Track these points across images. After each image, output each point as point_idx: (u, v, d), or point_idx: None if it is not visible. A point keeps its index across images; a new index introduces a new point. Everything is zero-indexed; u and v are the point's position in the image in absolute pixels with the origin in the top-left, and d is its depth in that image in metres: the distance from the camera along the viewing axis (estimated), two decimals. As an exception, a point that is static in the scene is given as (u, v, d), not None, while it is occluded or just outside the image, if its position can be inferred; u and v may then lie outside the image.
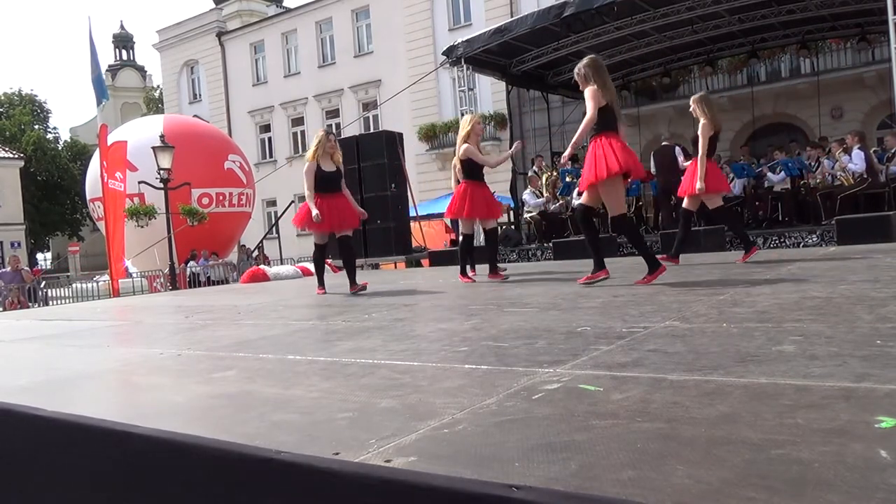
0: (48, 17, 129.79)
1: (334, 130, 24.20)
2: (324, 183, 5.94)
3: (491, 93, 20.59)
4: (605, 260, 4.89)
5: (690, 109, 6.06)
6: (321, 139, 6.02)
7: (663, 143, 11.45)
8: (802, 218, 10.43)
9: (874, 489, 1.06)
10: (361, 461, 1.40)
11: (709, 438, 1.37)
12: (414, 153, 21.38)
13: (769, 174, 10.80)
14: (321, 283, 6.42)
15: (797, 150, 11.51)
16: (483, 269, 6.63)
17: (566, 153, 5.21)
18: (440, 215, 19.26)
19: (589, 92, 4.78)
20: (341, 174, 6.17)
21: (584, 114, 4.74)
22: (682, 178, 6.26)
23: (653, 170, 11.57)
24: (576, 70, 5.07)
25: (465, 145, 6.17)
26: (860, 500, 1.03)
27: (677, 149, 11.24)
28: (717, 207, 6.12)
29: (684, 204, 6.24)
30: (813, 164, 10.60)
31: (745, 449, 1.28)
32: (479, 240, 7.74)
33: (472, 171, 6.26)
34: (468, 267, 6.46)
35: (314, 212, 5.77)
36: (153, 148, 14.62)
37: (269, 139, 28.79)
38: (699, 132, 5.86)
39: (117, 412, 2.15)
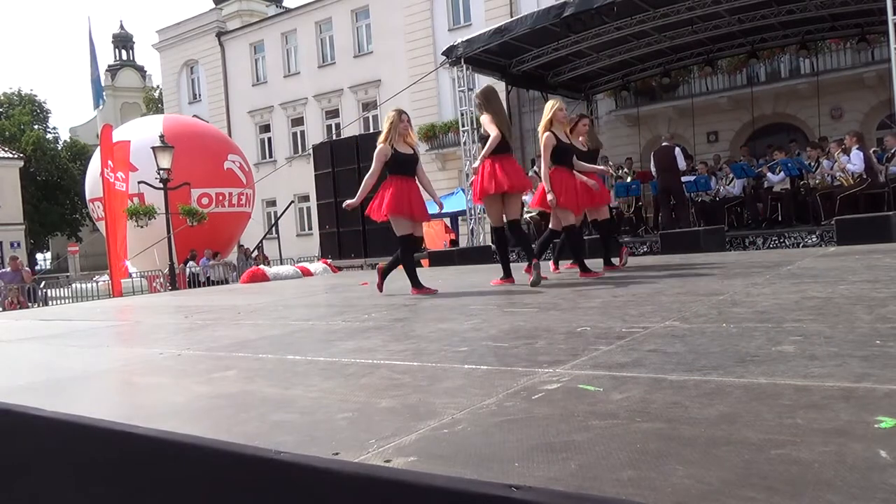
0: (48, 17, 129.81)
1: (334, 130, 24.32)
2: (400, 166, 5.35)
3: (491, 93, 20.58)
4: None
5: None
6: (394, 120, 5.40)
7: (663, 144, 11.46)
8: (802, 218, 10.43)
9: (874, 489, 1.06)
10: (361, 461, 1.39)
11: (708, 438, 1.37)
12: (414, 153, 21.36)
13: (769, 174, 10.81)
14: (416, 283, 5.48)
15: (797, 151, 11.52)
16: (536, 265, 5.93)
17: (476, 164, 5.54)
18: (440, 215, 19.29)
19: (484, 119, 5.48)
20: (418, 157, 5.59)
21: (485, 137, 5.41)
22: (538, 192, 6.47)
23: (652, 170, 11.58)
24: (473, 98, 5.79)
25: (547, 134, 5.57)
26: (860, 501, 1.03)
27: (677, 149, 11.25)
28: (575, 225, 6.01)
29: (552, 224, 6.15)
30: (812, 164, 10.61)
31: (744, 449, 1.28)
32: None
33: (561, 158, 5.61)
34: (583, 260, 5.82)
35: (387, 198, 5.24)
36: (153, 148, 14.63)
37: (269, 139, 28.79)
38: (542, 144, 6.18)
39: (117, 412, 2.15)
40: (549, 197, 5.52)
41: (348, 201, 5.59)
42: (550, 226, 6.04)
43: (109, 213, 14.65)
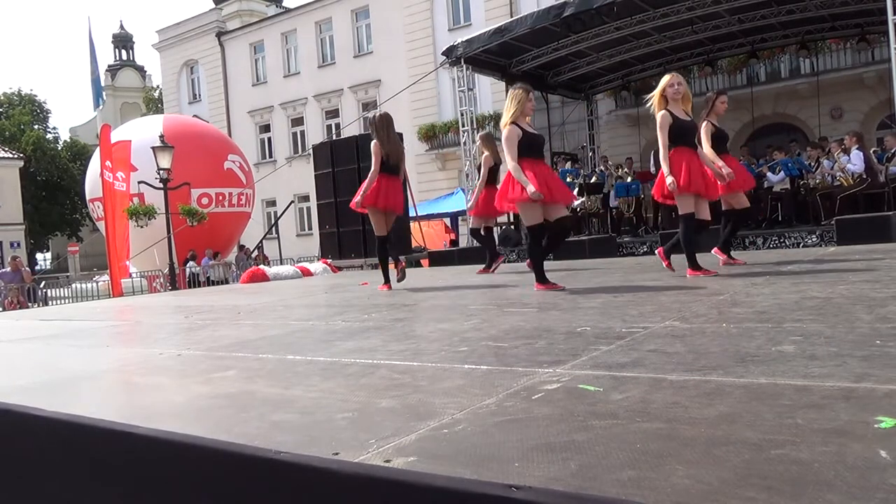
0: (48, 17, 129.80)
1: (334, 130, 24.31)
2: (530, 149, 4.76)
3: (491, 93, 20.61)
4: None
5: (477, 145, 7.46)
6: (521, 97, 4.82)
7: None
8: (802, 218, 10.43)
9: (874, 489, 1.06)
10: (361, 461, 1.39)
11: (708, 438, 1.37)
12: (414, 153, 21.37)
13: (769, 174, 10.80)
14: (542, 278, 4.90)
15: (797, 151, 11.52)
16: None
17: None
18: (440, 215, 19.32)
19: (372, 146, 5.92)
20: (543, 138, 5.06)
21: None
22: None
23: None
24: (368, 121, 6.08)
25: (662, 112, 5.06)
26: (860, 501, 1.03)
27: None
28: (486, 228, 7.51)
29: (473, 224, 7.53)
30: (812, 164, 10.61)
31: (744, 449, 1.28)
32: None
33: (680, 138, 5.03)
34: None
35: (530, 187, 4.52)
36: (153, 148, 14.62)
37: (269, 139, 28.79)
38: (482, 162, 7.31)
39: (117, 412, 2.15)
40: (669, 181, 4.93)
41: (531, 193, 4.59)
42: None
43: (109, 213, 14.65)
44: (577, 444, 1.39)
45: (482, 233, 7.55)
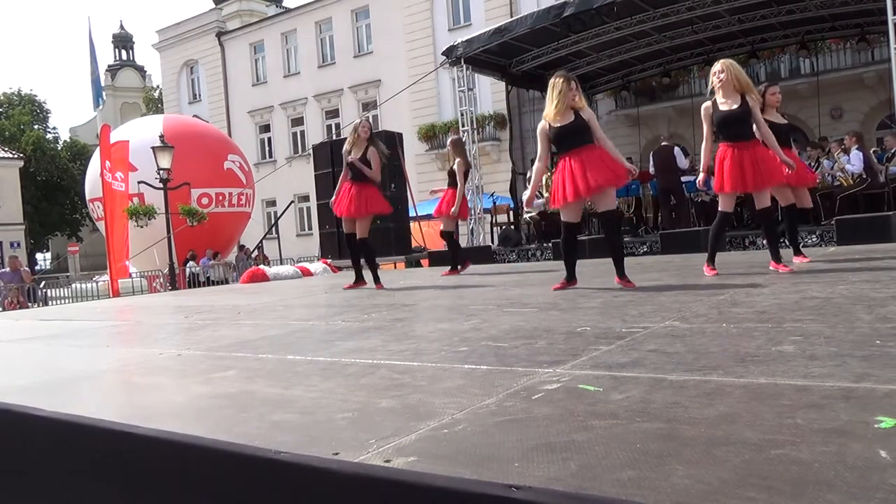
0: (48, 17, 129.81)
1: (334, 130, 24.29)
2: (560, 139, 4.62)
3: (491, 93, 20.60)
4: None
5: (447, 150, 7.76)
6: (562, 88, 4.52)
7: (662, 144, 11.46)
8: (802, 218, 10.40)
9: (874, 489, 1.06)
10: (361, 461, 1.40)
11: (708, 438, 1.37)
12: (414, 153, 21.38)
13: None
14: (572, 275, 4.84)
15: (797, 150, 11.50)
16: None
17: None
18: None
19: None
20: (585, 124, 4.57)
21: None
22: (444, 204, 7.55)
23: (651, 170, 11.58)
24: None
25: (706, 104, 4.88)
26: (860, 501, 1.03)
27: (676, 149, 11.25)
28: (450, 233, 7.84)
29: (445, 227, 7.84)
30: (813, 164, 10.60)
31: (744, 449, 1.28)
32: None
33: (722, 130, 4.86)
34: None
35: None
36: (153, 148, 14.62)
37: (269, 139, 28.78)
38: (455, 168, 7.47)
39: (117, 412, 2.15)
40: (699, 178, 4.87)
41: (527, 199, 5.38)
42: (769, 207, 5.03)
43: (108, 214, 14.65)
44: (577, 444, 1.39)
45: (454, 237, 7.95)
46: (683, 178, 11.14)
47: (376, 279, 6.45)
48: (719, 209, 5.01)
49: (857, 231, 7.92)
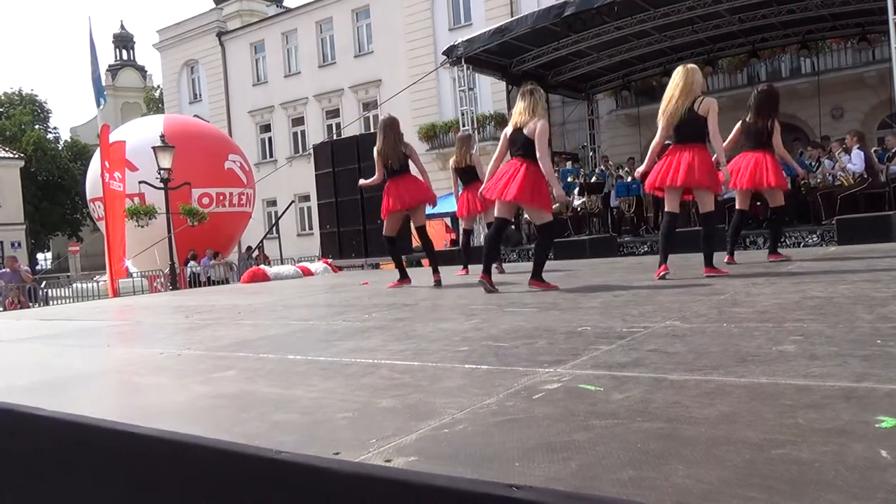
0: (48, 17, 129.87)
1: (335, 130, 24.30)
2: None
3: (491, 93, 20.59)
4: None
5: (457, 146, 7.65)
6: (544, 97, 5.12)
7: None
8: (803, 218, 10.42)
9: (875, 489, 1.06)
10: (361, 461, 1.39)
11: (709, 438, 1.37)
12: (414, 153, 21.35)
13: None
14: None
15: (798, 150, 11.51)
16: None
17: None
18: (440, 215, 19.31)
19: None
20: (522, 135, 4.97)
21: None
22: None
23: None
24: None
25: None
26: (861, 500, 1.03)
27: None
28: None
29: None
30: (813, 163, 10.60)
31: (745, 449, 1.28)
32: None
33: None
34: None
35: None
36: (153, 148, 14.62)
37: (270, 139, 28.78)
38: (473, 161, 7.48)
39: (117, 412, 2.15)
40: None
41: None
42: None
43: (108, 213, 14.66)
44: (577, 444, 1.39)
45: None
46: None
47: (405, 274, 6.55)
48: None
49: (858, 231, 7.92)
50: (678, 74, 5.00)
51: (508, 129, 5.03)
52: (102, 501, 1.87)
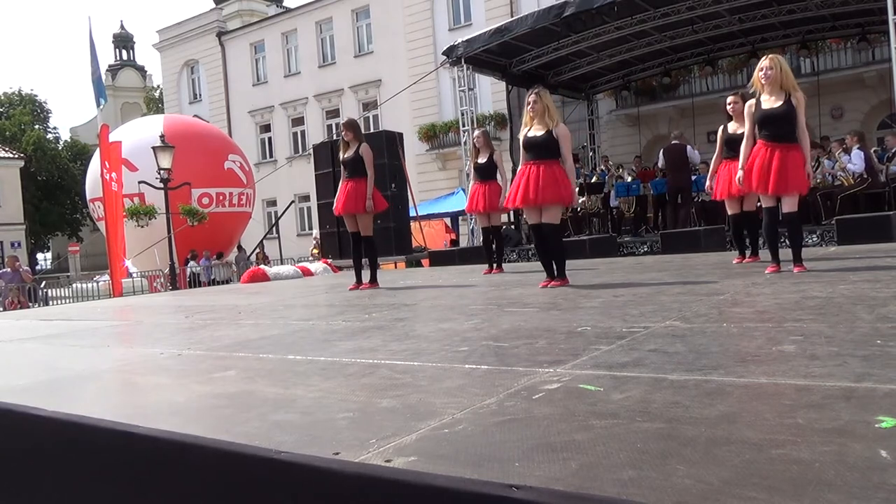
0: (48, 17, 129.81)
1: (335, 130, 24.30)
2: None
3: (491, 93, 20.59)
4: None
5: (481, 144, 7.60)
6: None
7: (673, 142, 11.38)
8: (803, 218, 10.39)
9: (875, 489, 1.06)
10: (361, 461, 1.39)
11: (709, 438, 1.37)
12: (414, 153, 21.37)
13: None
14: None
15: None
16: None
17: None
18: (440, 215, 19.32)
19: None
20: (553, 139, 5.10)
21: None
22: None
23: (660, 164, 11.57)
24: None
25: (748, 102, 4.99)
26: (861, 500, 1.03)
27: (689, 147, 11.23)
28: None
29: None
30: (813, 164, 10.59)
31: (745, 449, 1.28)
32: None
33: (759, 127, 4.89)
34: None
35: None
36: (153, 148, 14.63)
37: (269, 139, 28.77)
38: (495, 157, 7.48)
39: (117, 412, 2.15)
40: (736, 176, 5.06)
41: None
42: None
43: (108, 213, 14.66)
44: (577, 444, 1.39)
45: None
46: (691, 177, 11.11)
47: (373, 278, 6.51)
48: (763, 206, 4.98)
49: (858, 231, 7.91)
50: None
51: (521, 134, 5.15)
52: (102, 501, 1.87)
